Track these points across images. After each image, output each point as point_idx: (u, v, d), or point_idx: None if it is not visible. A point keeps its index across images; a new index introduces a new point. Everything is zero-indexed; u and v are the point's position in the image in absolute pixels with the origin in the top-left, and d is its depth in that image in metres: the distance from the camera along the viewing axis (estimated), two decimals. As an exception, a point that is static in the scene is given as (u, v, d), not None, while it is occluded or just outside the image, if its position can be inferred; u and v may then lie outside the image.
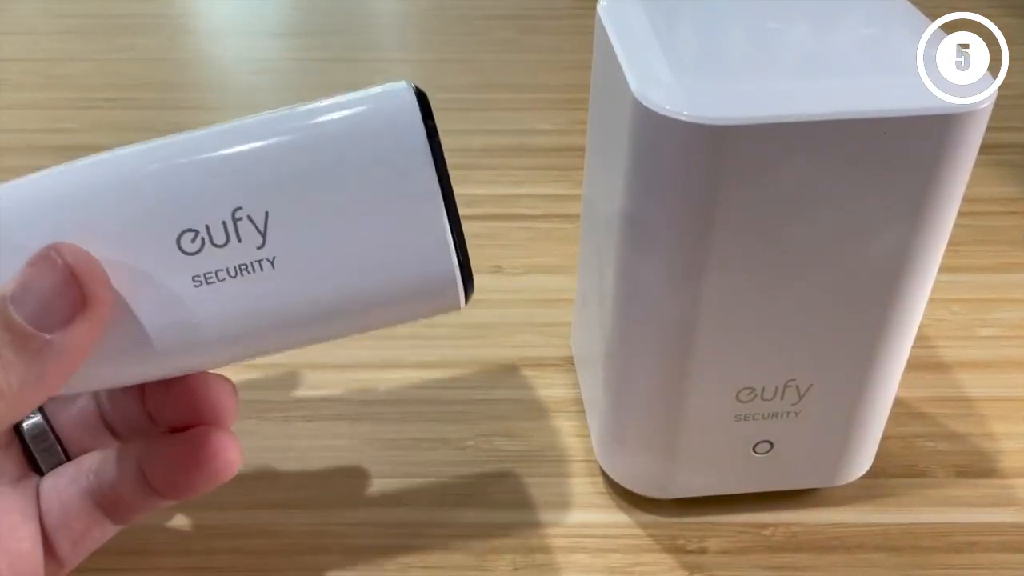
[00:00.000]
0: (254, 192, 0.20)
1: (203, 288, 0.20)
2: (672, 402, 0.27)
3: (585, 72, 0.29)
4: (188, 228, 0.20)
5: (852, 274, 0.25)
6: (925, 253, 0.25)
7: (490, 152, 0.51)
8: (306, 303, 0.21)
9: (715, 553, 0.30)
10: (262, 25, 0.68)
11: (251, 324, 0.21)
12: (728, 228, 0.23)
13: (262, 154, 0.20)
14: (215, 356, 0.22)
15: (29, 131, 0.52)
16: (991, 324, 0.39)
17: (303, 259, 0.20)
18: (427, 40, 0.67)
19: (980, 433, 0.34)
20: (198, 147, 0.21)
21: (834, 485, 0.31)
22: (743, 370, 0.27)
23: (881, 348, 0.27)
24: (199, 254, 0.20)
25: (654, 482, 0.30)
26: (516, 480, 0.32)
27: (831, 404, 0.28)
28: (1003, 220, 0.45)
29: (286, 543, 0.30)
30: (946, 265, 0.26)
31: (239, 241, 0.20)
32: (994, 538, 0.30)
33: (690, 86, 0.22)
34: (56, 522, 0.24)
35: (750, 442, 0.29)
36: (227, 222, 0.20)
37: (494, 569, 0.29)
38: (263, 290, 0.21)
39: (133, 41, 0.63)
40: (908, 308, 0.26)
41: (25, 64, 0.60)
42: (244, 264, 0.20)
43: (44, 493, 0.25)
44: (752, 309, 0.25)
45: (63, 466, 0.25)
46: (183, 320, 0.21)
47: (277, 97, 0.58)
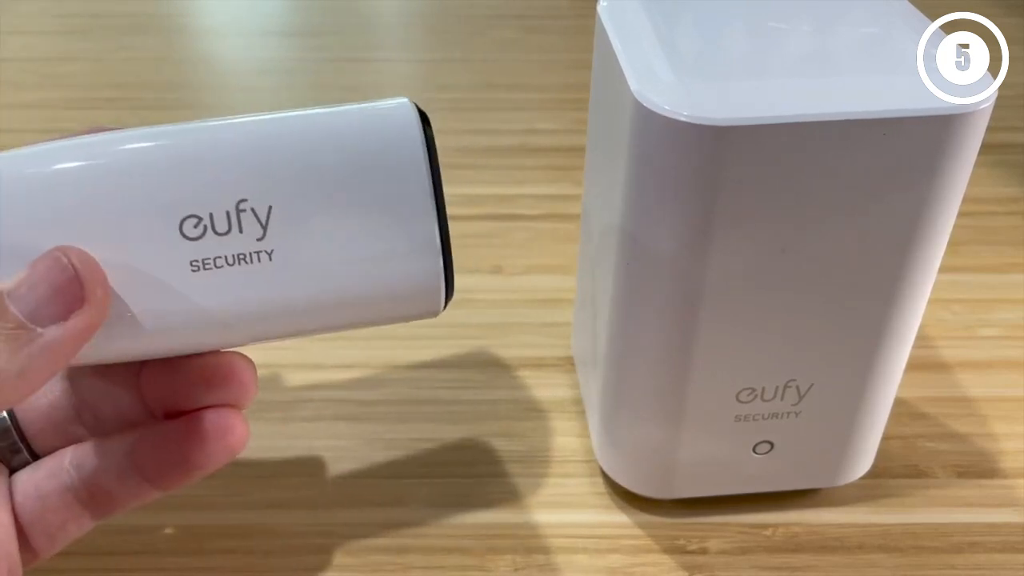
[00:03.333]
0: (260, 186, 0.21)
1: (200, 273, 0.21)
2: (672, 402, 0.27)
3: (586, 72, 0.29)
4: (192, 214, 0.21)
5: (853, 275, 0.25)
6: (925, 253, 0.25)
7: (490, 152, 0.51)
8: (299, 297, 0.22)
9: (715, 553, 0.30)
10: (262, 25, 0.68)
11: (242, 311, 0.22)
12: (728, 229, 0.23)
13: (270, 151, 0.21)
14: (204, 339, 0.23)
15: (28, 131, 0.52)
16: (992, 324, 0.39)
17: (300, 254, 0.21)
18: (428, 40, 0.67)
19: (981, 433, 0.34)
20: (208, 136, 0.21)
21: (834, 486, 0.31)
22: (743, 370, 0.27)
23: (882, 348, 0.27)
24: (200, 240, 0.21)
25: (654, 482, 0.30)
26: (516, 480, 0.32)
27: (831, 404, 0.28)
28: (1003, 220, 0.45)
29: (286, 543, 0.30)
30: (946, 265, 0.26)
31: (240, 231, 0.21)
32: (995, 538, 0.30)
33: (690, 86, 0.22)
34: (31, 516, 0.24)
35: (750, 443, 0.29)
36: (231, 212, 0.21)
37: (494, 569, 0.29)
38: (258, 280, 0.21)
39: (133, 41, 0.63)
40: (909, 308, 0.26)
41: (24, 64, 0.60)
42: (243, 254, 0.21)
43: (19, 485, 0.24)
44: (752, 309, 0.25)
45: (41, 460, 0.25)
46: (177, 301, 0.21)
47: (277, 97, 0.58)
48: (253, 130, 0.22)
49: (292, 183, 0.21)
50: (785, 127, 0.22)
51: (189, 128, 0.22)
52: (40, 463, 0.25)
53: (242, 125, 0.22)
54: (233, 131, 0.22)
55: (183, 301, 0.21)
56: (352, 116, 0.22)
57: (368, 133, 0.22)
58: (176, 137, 0.21)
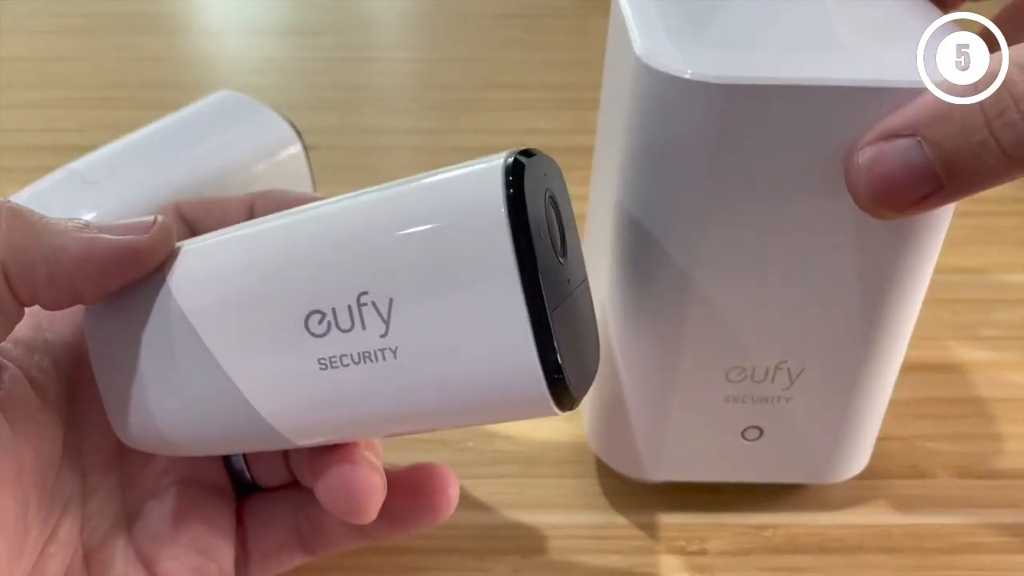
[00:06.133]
0: (379, 277, 0.20)
1: (328, 372, 0.21)
2: (663, 376, 0.27)
3: (586, 72, 0.29)
4: (316, 310, 0.21)
5: (849, 257, 0.25)
6: (921, 242, 0.25)
7: (490, 152, 0.50)
8: (423, 396, 0.21)
9: (715, 554, 0.30)
10: (262, 24, 0.68)
11: (366, 411, 0.21)
12: (726, 195, 0.24)
13: (384, 241, 0.20)
14: (328, 436, 0.23)
15: (27, 131, 0.52)
16: (992, 324, 0.39)
17: (422, 351, 0.20)
18: (427, 39, 0.67)
19: (981, 434, 0.34)
20: (324, 228, 0.21)
21: (827, 483, 0.31)
22: (734, 347, 0.27)
23: (876, 339, 0.26)
24: (325, 336, 0.21)
25: (643, 463, 0.30)
26: (516, 480, 0.32)
27: (823, 394, 0.28)
28: (1003, 220, 0.45)
29: (285, 544, 0.30)
30: (947, 265, 0.26)
31: (364, 328, 0.20)
32: (996, 539, 0.30)
33: (694, 48, 0.23)
34: (256, 540, 0.27)
35: (739, 427, 0.29)
36: (352, 306, 0.20)
37: (494, 569, 0.29)
38: (384, 380, 0.21)
39: (132, 40, 0.63)
40: (904, 302, 0.26)
41: (23, 63, 0.60)
42: (368, 352, 0.20)
43: (252, 506, 0.27)
44: (747, 284, 0.25)
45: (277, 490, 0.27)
46: (307, 401, 0.21)
47: (277, 97, 0.58)
48: (364, 218, 0.21)
49: (407, 274, 0.20)
50: (785, 88, 0.22)
51: (302, 220, 0.22)
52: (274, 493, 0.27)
53: (352, 210, 0.21)
54: (344, 219, 0.21)
55: (313, 399, 0.21)
56: (447, 190, 0.21)
57: (462, 216, 0.20)
58: (295, 230, 0.22)
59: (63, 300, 0.22)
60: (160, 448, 0.23)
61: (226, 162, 0.33)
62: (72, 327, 0.25)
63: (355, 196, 0.22)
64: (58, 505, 0.23)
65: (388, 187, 0.22)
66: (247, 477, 0.27)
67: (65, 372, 0.25)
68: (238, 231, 0.23)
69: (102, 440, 0.25)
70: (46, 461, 0.23)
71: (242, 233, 0.23)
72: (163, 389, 0.22)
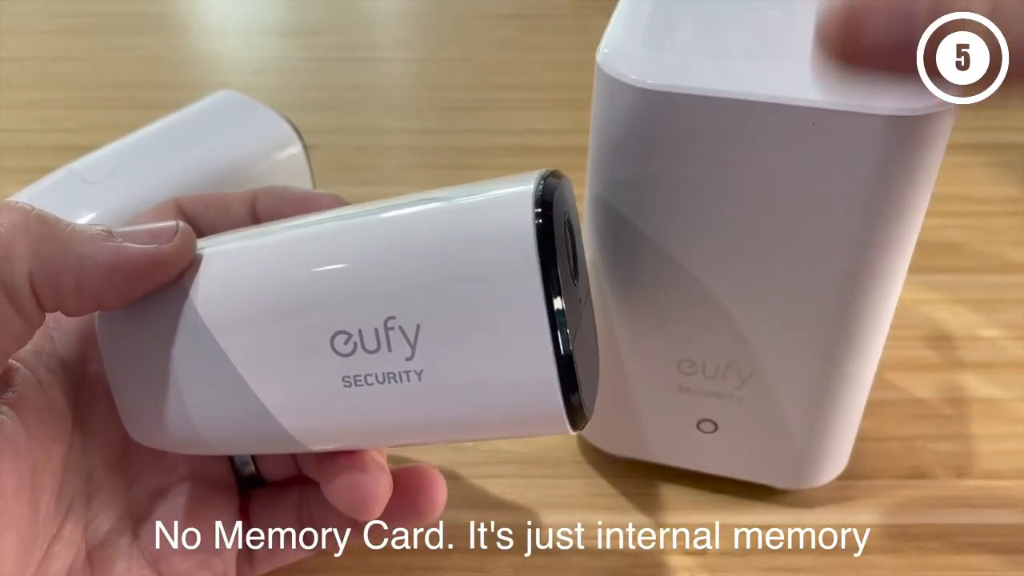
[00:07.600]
0: (407, 304, 0.21)
1: (352, 389, 0.21)
2: (620, 359, 0.28)
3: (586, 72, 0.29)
4: (342, 330, 0.21)
5: (795, 267, 0.25)
6: (879, 254, 0.24)
7: (490, 152, 0.51)
8: (443, 417, 0.22)
9: (715, 554, 0.30)
10: (262, 24, 0.68)
11: (385, 427, 0.22)
12: (667, 197, 0.24)
13: (413, 268, 0.21)
14: (343, 445, 0.24)
15: (27, 131, 0.52)
16: (992, 324, 0.39)
17: (445, 375, 0.21)
18: (427, 40, 0.67)
19: (982, 434, 0.34)
20: (351, 246, 0.22)
21: (797, 488, 0.31)
22: (683, 340, 0.27)
23: (834, 350, 0.26)
24: (351, 356, 0.21)
25: (612, 438, 0.31)
26: (516, 480, 0.32)
27: (777, 398, 0.28)
28: (1003, 220, 0.45)
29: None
30: (947, 265, 0.26)
31: (389, 350, 0.21)
32: (996, 539, 0.30)
33: (650, 56, 0.23)
34: (260, 534, 0.27)
35: (694, 417, 0.29)
36: (379, 329, 0.21)
37: (494, 569, 0.29)
38: (406, 400, 0.21)
39: (132, 40, 0.63)
40: (865, 312, 0.26)
41: (23, 63, 0.60)
42: (392, 373, 0.21)
43: (256, 501, 0.27)
44: (692, 282, 0.26)
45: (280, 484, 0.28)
46: (329, 415, 0.22)
47: (277, 97, 0.58)
48: (392, 240, 0.21)
49: (436, 300, 0.20)
50: (727, 103, 0.22)
51: (325, 231, 0.22)
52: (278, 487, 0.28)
53: (382, 229, 0.22)
54: (374, 238, 0.21)
55: (335, 414, 0.22)
56: (475, 217, 0.21)
57: (487, 241, 0.20)
58: (323, 246, 0.22)
59: (86, 308, 0.22)
60: (174, 448, 0.24)
61: (226, 162, 0.33)
62: (76, 324, 0.25)
63: (381, 209, 0.22)
64: (63, 505, 0.23)
65: (417, 202, 0.22)
66: (253, 472, 0.27)
67: (71, 371, 0.25)
68: (260, 238, 0.23)
69: (107, 439, 0.25)
70: (55, 462, 0.23)
71: (264, 241, 0.23)
72: (181, 396, 0.22)
